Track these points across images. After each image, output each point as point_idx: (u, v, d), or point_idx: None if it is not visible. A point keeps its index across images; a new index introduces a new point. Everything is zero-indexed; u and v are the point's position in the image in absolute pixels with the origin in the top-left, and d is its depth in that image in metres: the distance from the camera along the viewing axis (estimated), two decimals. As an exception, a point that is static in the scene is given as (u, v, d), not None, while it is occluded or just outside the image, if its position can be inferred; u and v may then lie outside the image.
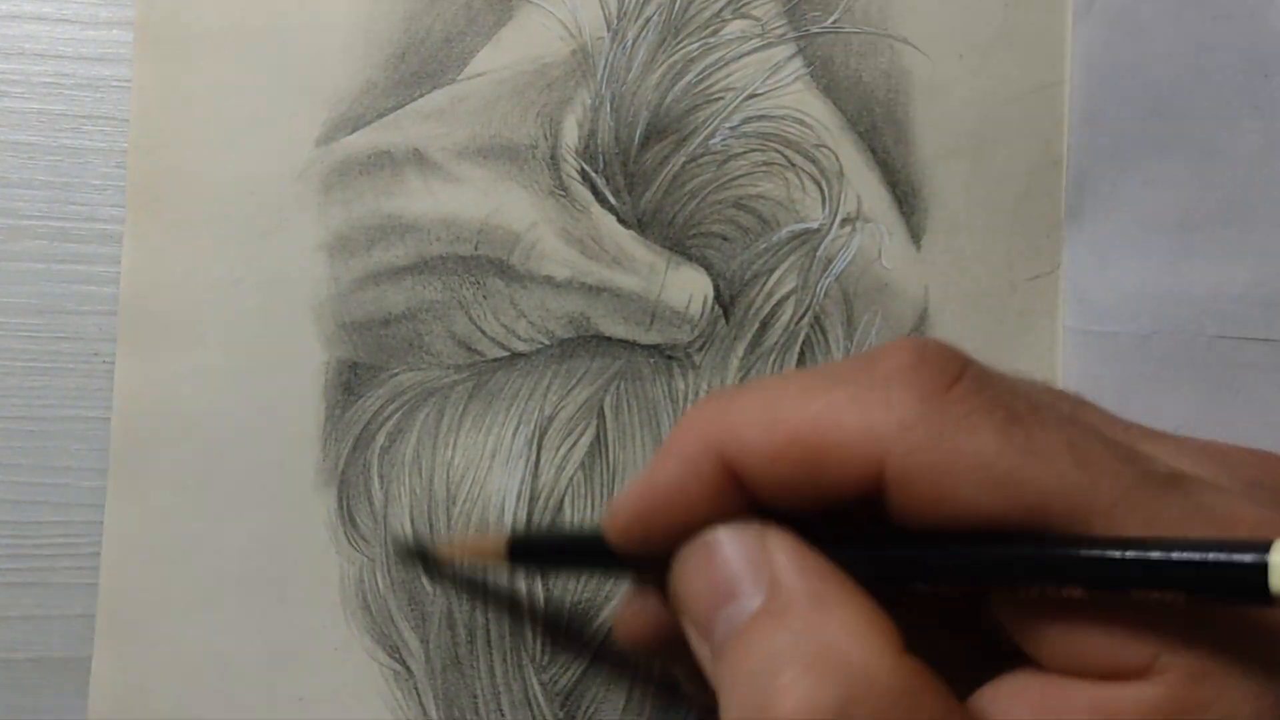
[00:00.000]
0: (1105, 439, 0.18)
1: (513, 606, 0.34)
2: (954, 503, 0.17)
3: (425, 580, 0.33)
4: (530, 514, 0.34)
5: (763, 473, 0.19)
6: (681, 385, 0.35)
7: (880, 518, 0.19)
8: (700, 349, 0.35)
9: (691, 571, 0.20)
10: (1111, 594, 0.17)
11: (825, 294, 0.35)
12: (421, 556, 0.33)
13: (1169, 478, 0.17)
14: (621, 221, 0.35)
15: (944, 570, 0.18)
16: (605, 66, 0.35)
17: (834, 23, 0.36)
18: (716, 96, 0.35)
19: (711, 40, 0.35)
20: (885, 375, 0.18)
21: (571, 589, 0.34)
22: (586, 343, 0.35)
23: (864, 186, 0.36)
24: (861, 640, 0.17)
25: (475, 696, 0.34)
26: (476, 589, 0.34)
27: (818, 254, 0.35)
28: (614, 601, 0.34)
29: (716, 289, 0.35)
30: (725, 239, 0.35)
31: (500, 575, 0.34)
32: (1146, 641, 0.17)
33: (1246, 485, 0.18)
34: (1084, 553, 0.17)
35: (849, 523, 0.19)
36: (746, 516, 0.20)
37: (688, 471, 0.20)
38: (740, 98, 0.35)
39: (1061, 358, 0.36)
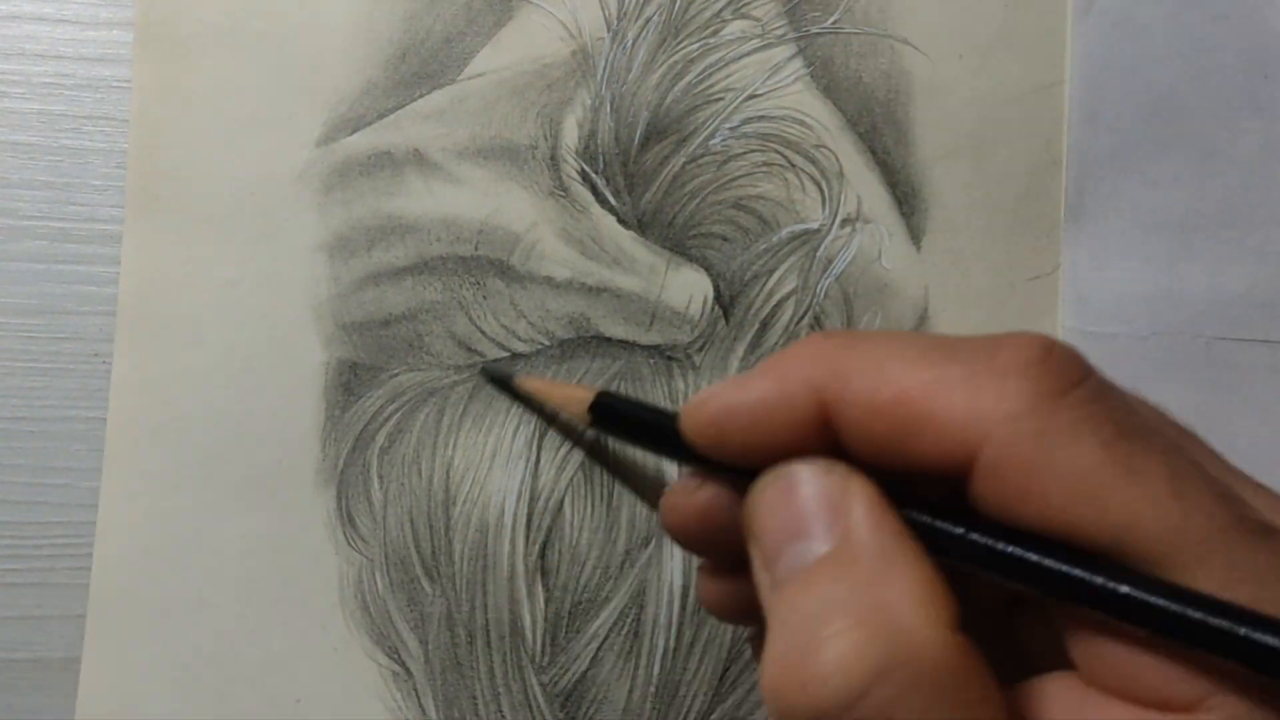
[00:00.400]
0: (1207, 475, 0.17)
1: (513, 607, 0.34)
2: (1040, 505, 0.17)
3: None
4: (530, 514, 0.34)
5: (857, 425, 0.19)
6: (681, 386, 0.35)
7: (954, 498, 0.19)
8: (700, 349, 0.35)
9: (769, 500, 0.20)
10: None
11: (825, 294, 0.35)
12: (503, 384, 0.33)
13: (1263, 528, 0.17)
14: (621, 222, 0.35)
15: (1015, 568, 0.18)
16: (605, 67, 0.35)
17: (834, 23, 0.36)
18: (716, 97, 0.35)
19: (711, 41, 0.35)
20: (1005, 363, 0.18)
21: (572, 589, 0.34)
22: (586, 343, 0.35)
23: (864, 187, 0.36)
24: (918, 607, 0.17)
25: (475, 698, 0.33)
26: (476, 589, 0.34)
27: (818, 254, 0.35)
28: (620, 596, 0.34)
29: (716, 289, 0.35)
30: (725, 239, 0.35)
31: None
32: (1199, 680, 0.16)
33: None
34: (1153, 600, 0.16)
35: (927, 490, 0.19)
36: (830, 459, 0.20)
37: (782, 398, 0.20)
38: (740, 98, 0.35)
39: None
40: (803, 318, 0.35)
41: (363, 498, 0.34)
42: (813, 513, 0.19)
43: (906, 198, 0.36)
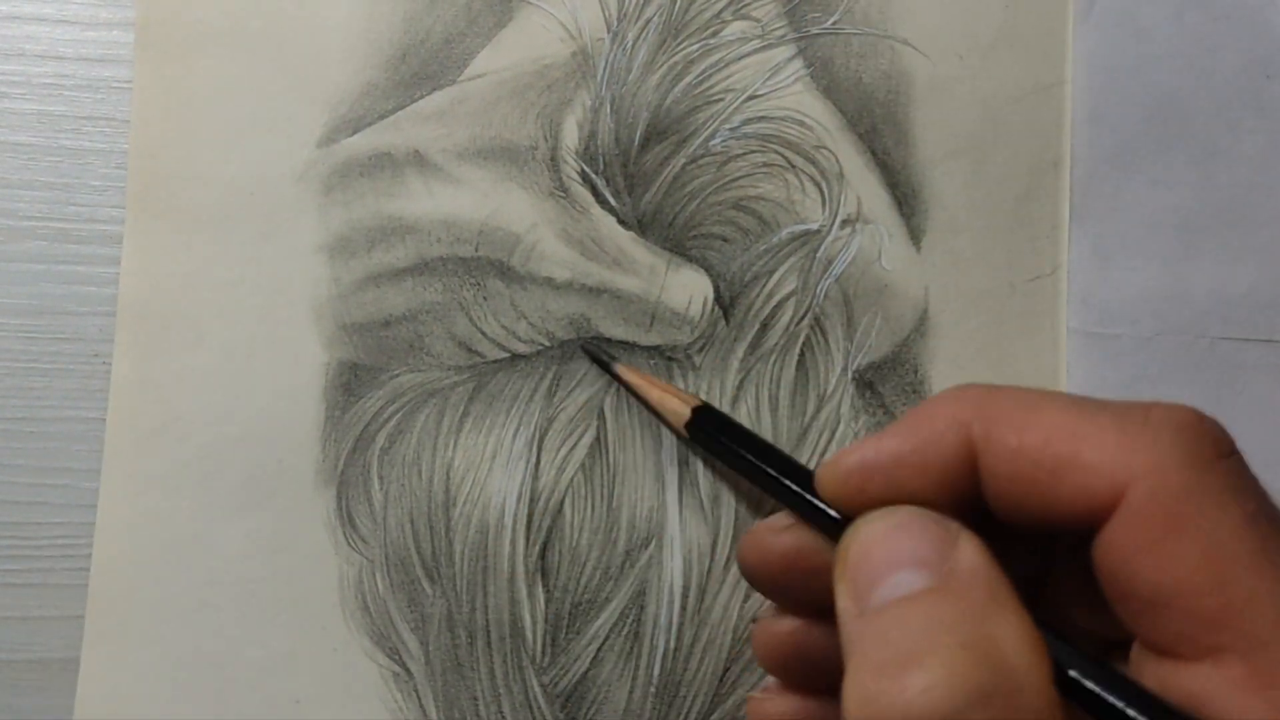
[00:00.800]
0: None
1: (513, 608, 0.34)
2: (1172, 561, 0.17)
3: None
4: (530, 515, 0.34)
5: (1004, 467, 0.19)
6: (681, 386, 0.35)
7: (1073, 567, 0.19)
8: (700, 350, 0.35)
9: (874, 534, 0.20)
10: None
11: (825, 295, 0.35)
12: (604, 365, 0.34)
13: None
14: (622, 223, 0.35)
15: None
16: (605, 68, 0.35)
17: (834, 24, 0.36)
18: (717, 98, 0.35)
19: (712, 41, 0.35)
20: (1159, 421, 0.18)
21: (572, 589, 0.34)
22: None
23: (864, 188, 0.36)
24: (1023, 646, 0.17)
25: (475, 698, 0.33)
26: (477, 590, 0.34)
27: (818, 255, 0.35)
28: (620, 597, 0.34)
29: (716, 290, 0.35)
30: (725, 240, 0.35)
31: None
32: None
33: None
34: None
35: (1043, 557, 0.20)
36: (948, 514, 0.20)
37: (930, 438, 0.20)
38: (740, 99, 0.35)
39: (1064, 359, 0.35)
40: (803, 318, 0.35)
41: (363, 498, 0.34)
42: (921, 548, 0.19)
43: (906, 198, 0.36)
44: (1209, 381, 0.35)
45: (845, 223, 0.36)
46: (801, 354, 0.35)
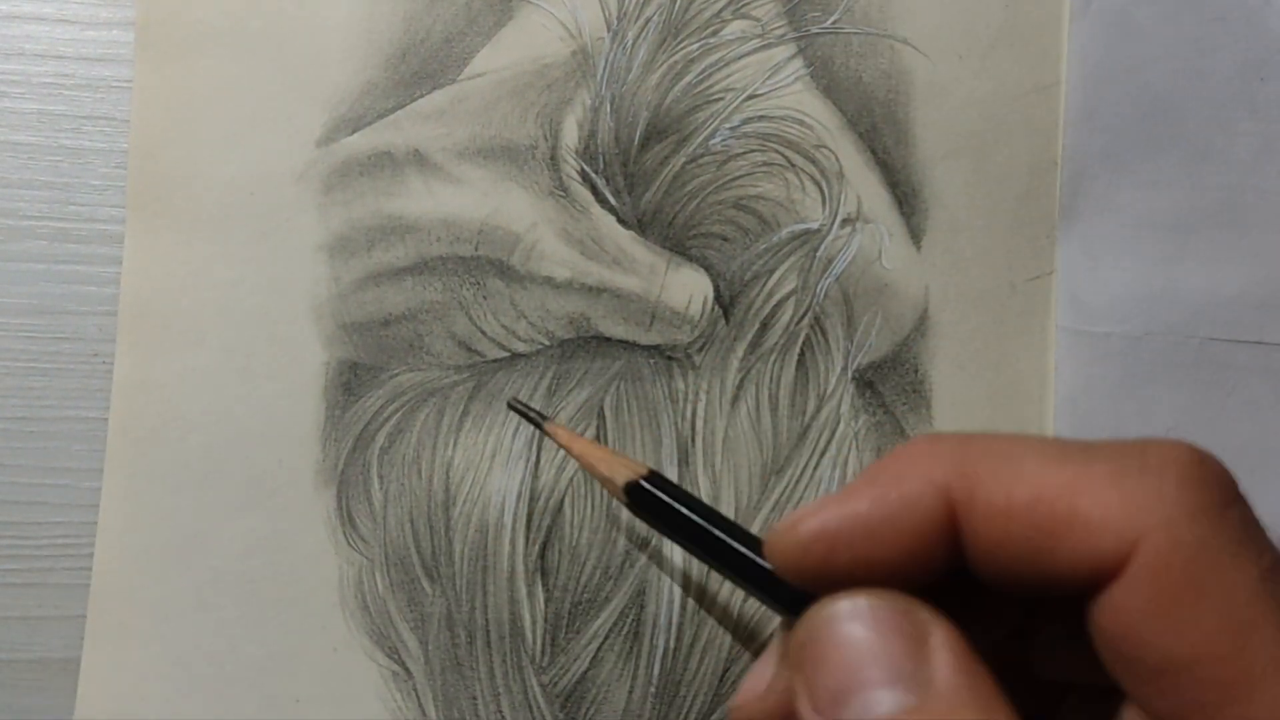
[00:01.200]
0: None
1: (513, 607, 0.34)
2: (1189, 623, 0.16)
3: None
4: (530, 514, 0.34)
5: (992, 530, 0.17)
6: (681, 386, 0.35)
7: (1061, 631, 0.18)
8: (700, 349, 0.35)
9: (838, 631, 0.18)
10: None
11: (825, 294, 0.35)
12: (534, 424, 0.31)
13: None
14: (621, 222, 0.35)
15: None
16: (605, 67, 0.35)
17: (834, 23, 0.36)
18: (716, 97, 0.35)
19: (712, 41, 0.35)
20: (1159, 465, 0.17)
21: (571, 589, 0.34)
22: (586, 343, 0.35)
23: (864, 187, 0.36)
24: None
25: (475, 698, 0.33)
26: (476, 589, 0.34)
27: (818, 254, 0.35)
28: (620, 596, 0.34)
29: (716, 289, 0.35)
30: (725, 239, 0.35)
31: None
32: None
33: None
34: None
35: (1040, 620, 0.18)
36: (903, 594, 0.18)
37: (903, 504, 0.18)
38: (740, 98, 0.35)
39: (1054, 358, 0.36)
40: (803, 318, 0.35)
41: (363, 498, 0.34)
42: (892, 654, 0.17)
43: (907, 198, 0.36)
44: (1198, 382, 0.35)
45: (845, 222, 0.36)
46: (801, 353, 0.35)
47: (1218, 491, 0.17)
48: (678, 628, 0.34)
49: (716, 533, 0.23)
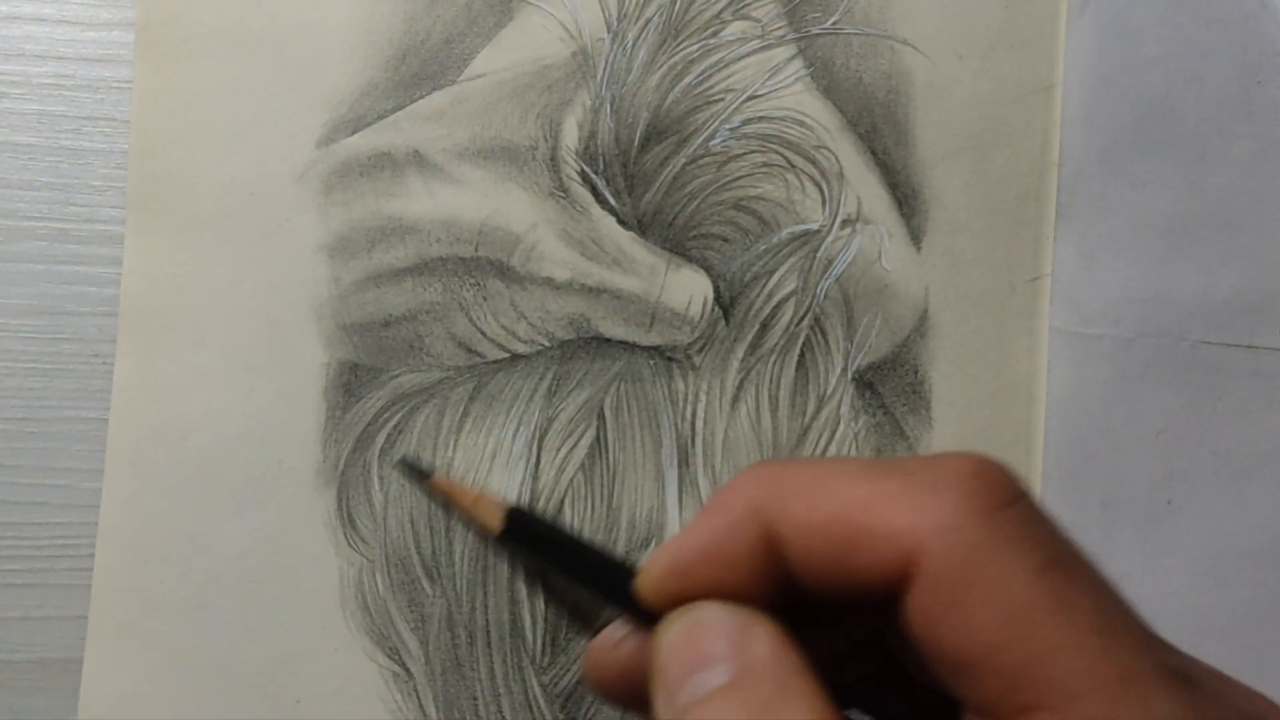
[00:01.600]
0: (1133, 617, 0.18)
1: (513, 607, 0.34)
2: (969, 620, 0.18)
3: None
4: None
5: (800, 545, 0.19)
6: (681, 386, 0.35)
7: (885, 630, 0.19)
8: (700, 350, 0.35)
9: (675, 636, 0.20)
10: None
11: (825, 295, 0.35)
12: (418, 478, 0.33)
13: (1182, 674, 0.17)
14: (622, 223, 0.35)
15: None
16: (605, 68, 0.35)
17: (834, 24, 0.36)
18: (717, 98, 0.35)
19: (712, 41, 0.35)
20: (943, 476, 0.18)
21: (572, 589, 0.34)
22: (586, 344, 0.35)
23: (864, 188, 0.36)
24: None
25: (475, 699, 0.33)
26: (477, 590, 0.34)
27: (818, 255, 0.35)
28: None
29: (716, 290, 0.35)
30: (725, 240, 0.35)
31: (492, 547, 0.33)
32: None
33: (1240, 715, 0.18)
34: None
35: (865, 628, 0.20)
36: (733, 602, 0.20)
37: (730, 532, 0.20)
38: (740, 99, 0.35)
39: (1046, 358, 0.36)
40: (803, 318, 0.35)
41: (363, 498, 0.34)
42: (716, 645, 0.19)
43: (907, 198, 0.36)
44: (1189, 385, 0.35)
45: (845, 223, 0.36)
46: (801, 354, 0.35)
47: (994, 495, 0.18)
48: (678, 628, 0.34)
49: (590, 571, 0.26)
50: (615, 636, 0.24)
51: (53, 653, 0.33)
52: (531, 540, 0.29)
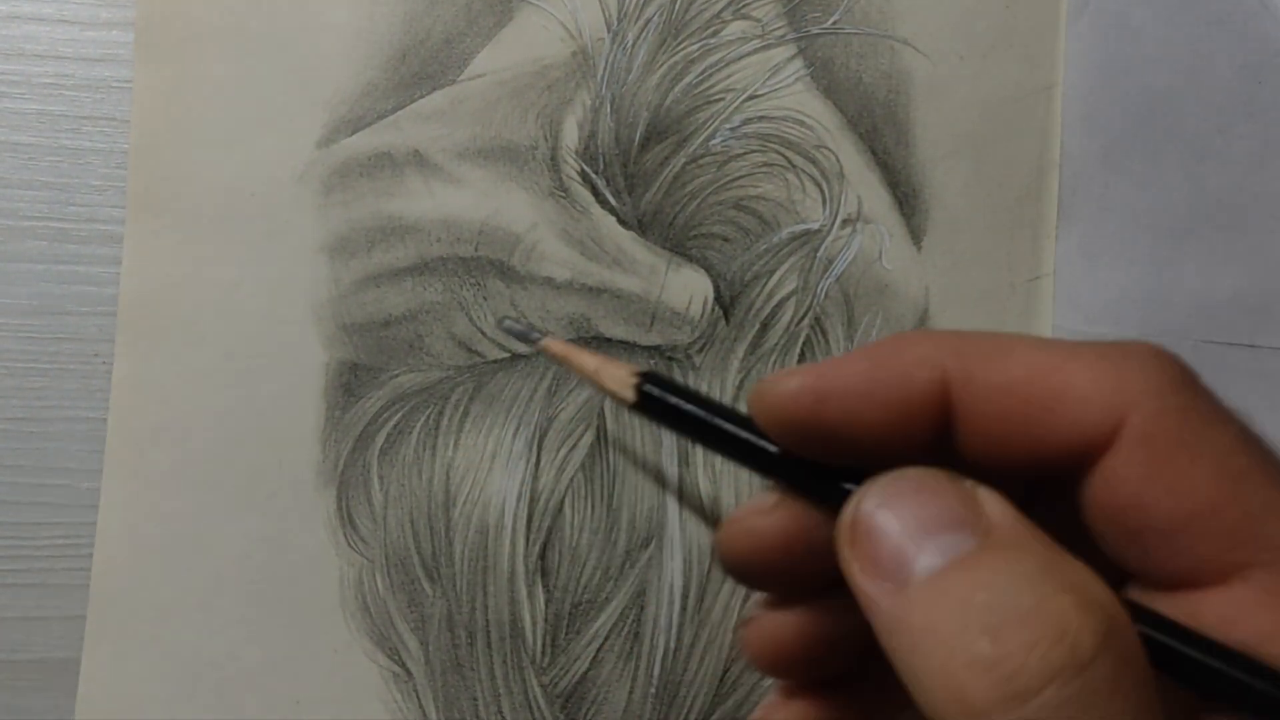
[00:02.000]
0: None
1: (513, 608, 0.34)
2: (1186, 481, 0.17)
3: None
4: (530, 515, 0.34)
5: (986, 405, 0.18)
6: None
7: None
8: (700, 350, 0.35)
9: (892, 499, 0.18)
10: None
11: (826, 295, 0.35)
12: (526, 341, 0.32)
13: None
14: (622, 222, 0.35)
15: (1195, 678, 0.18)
16: (605, 68, 0.35)
17: (834, 24, 0.36)
18: (717, 98, 0.35)
19: (712, 41, 0.35)
20: (1134, 352, 0.18)
21: (572, 589, 0.34)
22: (587, 344, 0.35)
23: (865, 187, 0.36)
24: (1103, 585, 0.17)
25: (475, 699, 0.33)
26: (477, 590, 0.34)
27: (818, 255, 0.35)
28: (620, 597, 0.34)
29: (717, 290, 0.35)
30: (726, 240, 0.35)
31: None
32: None
33: None
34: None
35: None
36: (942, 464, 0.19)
37: (898, 376, 0.19)
38: (740, 99, 0.35)
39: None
40: (803, 318, 0.35)
41: (363, 499, 0.34)
42: (953, 510, 0.18)
43: (907, 198, 0.36)
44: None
45: (846, 222, 0.36)
46: (802, 354, 0.35)
47: (1186, 372, 0.18)
48: (678, 628, 0.34)
49: (720, 422, 0.23)
50: (754, 509, 0.21)
51: (52, 652, 0.33)
52: (669, 408, 0.25)
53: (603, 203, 0.35)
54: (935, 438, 0.19)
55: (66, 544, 0.33)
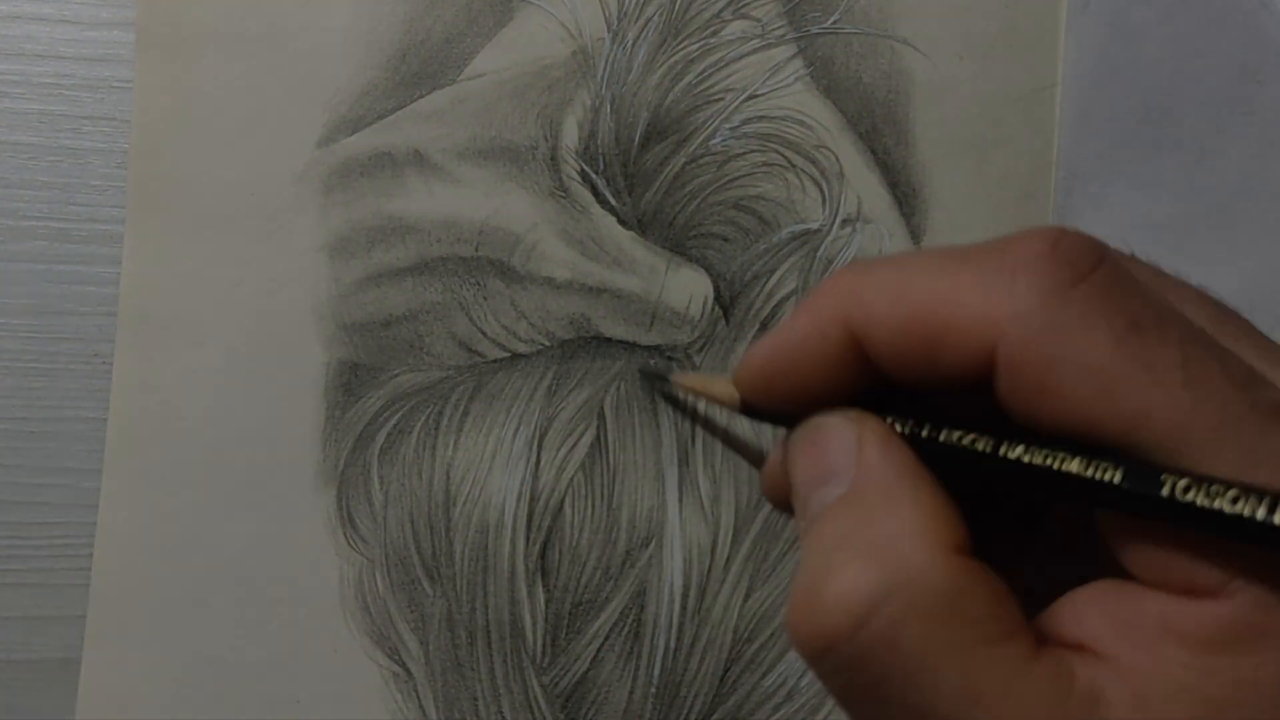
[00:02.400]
0: (1227, 362, 0.18)
1: (513, 607, 0.34)
2: (1058, 399, 0.18)
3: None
4: (530, 515, 0.34)
5: (885, 345, 0.20)
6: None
7: (992, 411, 0.19)
8: (701, 350, 0.35)
9: (799, 450, 0.21)
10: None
11: (825, 295, 0.35)
12: (657, 380, 0.33)
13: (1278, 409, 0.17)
14: (622, 222, 0.35)
15: (1026, 477, 0.19)
16: (606, 67, 0.35)
17: (834, 23, 0.36)
18: (717, 97, 0.35)
19: (712, 41, 0.35)
20: (1014, 262, 0.18)
21: (572, 589, 0.34)
22: (587, 344, 0.35)
23: (864, 187, 0.36)
24: (916, 536, 0.18)
25: (475, 698, 0.33)
26: (477, 589, 0.34)
27: (818, 255, 0.35)
28: (620, 596, 0.34)
29: (717, 290, 0.35)
30: (725, 240, 0.35)
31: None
32: (1222, 564, 0.17)
33: None
34: (1158, 495, 0.17)
35: (969, 409, 0.20)
36: (850, 408, 0.21)
37: (816, 333, 0.20)
38: (740, 99, 0.35)
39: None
40: (803, 318, 0.35)
41: (363, 498, 0.34)
42: (834, 457, 0.20)
43: (906, 198, 0.36)
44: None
45: (845, 222, 0.36)
46: (801, 353, 0.35)
47: (1068, 270, 0.18)
48: (678, 628, 0.34)
49: None
50: (777, 457, 0.24)
51: (52, 652, 0.33)
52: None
53: (603, 203, 0.35)
54: (866, 372, 0.21)
55: (66, 543, 0.33)
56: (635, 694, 0.34)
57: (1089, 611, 0.18)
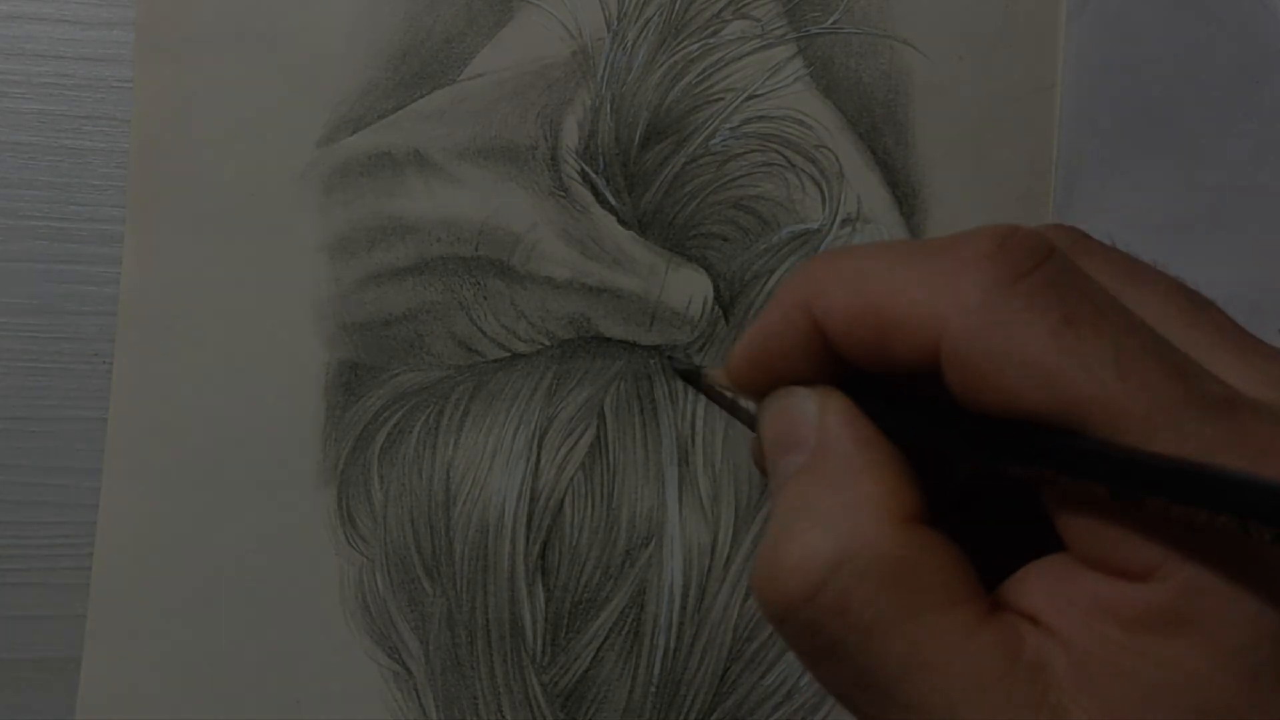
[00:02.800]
0: (1166, 354, 0.18)
1: (513, 607, 0.34)
2: (997, 392, 0.18)
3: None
4: (530, 514, 0.34)
5: (842, 334, 0.20)
6: (681, 386, 0.35)
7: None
8: (700, 349, 0.35)
9: (767, 421, 0.22)
10: (1125, 499, 0.17)
11: (825, 294, 0.35)
12: (689, 376, 0.33)
13: (1221, 400, 0.17)
14: (622, 222, 0.35)
15: (977, 442, 0.19)
16: (606, 67, 0.35)
17: (834, 23, 0.36)
18: (716, 97, 0.35)
19: (712, 41, 0.35)
20: (961, 259, 0.19)
21: (572, 589, 0.34)
22: (586, 343, 0.35)
23: (864, 187, 0.36)
24: (870, 505, 0.19)
25: (476, 698, 0.33)
26: (477, 589, 0.34)
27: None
28: (620, 596, 0.34)
29: (716, 289, 0.35)
30: (725, 240, 0.35)
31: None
32: (1153, 546, 0.17)
33: None
34: (1084, 447, 0.17)
35: (930, 389, 0.20)
36: (816, 384, 0.21)
37: (786, 322, 0.21)
38: (740, 98, 0.35)
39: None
40: (803, 318, 0.35)
41: (363, 498, 0.34)
42: (798, 428, 0.21)
43: (906, 198, 0.36)
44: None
45: (845, 222, 0.36)
46: (801, 353, 0.35)
47: (1011, 267, 0.19)
48: (678, 627, 0.34)
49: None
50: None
51: (52, 652, 0.33)
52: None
53: (603, 202, 0.35)
54: (836, 358, 0.21)
55: (66, 543, 0.33)
56: (635, 693, 0.34)
57: (1038, 586, 0.19)
